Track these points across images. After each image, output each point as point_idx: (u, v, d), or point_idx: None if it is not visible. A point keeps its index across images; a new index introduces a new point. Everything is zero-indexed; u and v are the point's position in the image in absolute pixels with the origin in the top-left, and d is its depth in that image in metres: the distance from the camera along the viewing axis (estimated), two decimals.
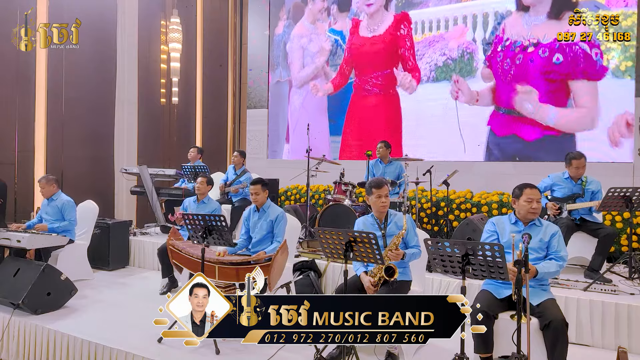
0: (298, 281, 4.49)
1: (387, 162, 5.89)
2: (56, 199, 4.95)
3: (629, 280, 4.12)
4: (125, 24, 7.49)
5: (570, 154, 4.50)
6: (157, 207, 6.46)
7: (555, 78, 6.49)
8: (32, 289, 3.95)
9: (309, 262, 4.76)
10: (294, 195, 7.85)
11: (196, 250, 3.91)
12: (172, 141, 8.67)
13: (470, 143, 7.14)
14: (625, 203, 4.12)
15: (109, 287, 5.02)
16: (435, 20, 7.40)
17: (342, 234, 2.87)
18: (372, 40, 7.89)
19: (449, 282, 4.20)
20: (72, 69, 6.94)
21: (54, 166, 6.71)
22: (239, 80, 9.82)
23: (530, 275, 2.61)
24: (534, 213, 2.98)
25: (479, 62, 7.06)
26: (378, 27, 7.83)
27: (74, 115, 6.99)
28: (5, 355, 3.92)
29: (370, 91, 7.91)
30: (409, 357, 3.20)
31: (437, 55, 7.36)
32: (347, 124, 8.18)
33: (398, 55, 7.65)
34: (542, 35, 6.57)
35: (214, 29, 9.57)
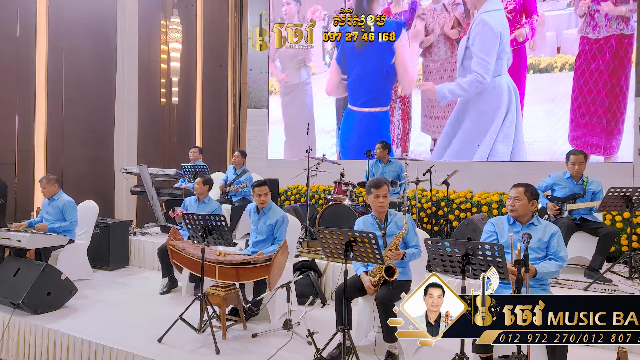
0: (298, 281, 4.49)
1: (387, 162, 5.89)
2: (57, 199, 4.95)
3: (629, 280, 4.12)
4: (125, 24, 7.49)
5: (570, 151, 4.53)
6: (157, 207, 6.46)
7: None
8: (32, 288, 3.95)
9: (309, 262, 4.77)
10: (294, 195, 7.85)
11: (196, 250, 3.91)
12: (172, 141, 8.67)
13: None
14: (625, 203, 4.13)
15: (109, 287, 5.02)
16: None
17: (342, 233, 2.87)
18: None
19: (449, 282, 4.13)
20: (72, 69, 6.94)
21: (54, 166, 6.71)
22: (239, 80, 9.82)
23: (529, 275, 2.61)
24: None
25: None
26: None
27: (74, 115, 6.99)
28: (5, 355, 3.93)
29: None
30: (409, 357, 3.21)
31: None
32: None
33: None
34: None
35: (214, 29, 9.57)
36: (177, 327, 3.50)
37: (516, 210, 3.02)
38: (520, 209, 3.01)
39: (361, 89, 8.08)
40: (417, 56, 7.60)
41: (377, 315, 3.10)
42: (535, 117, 6.75)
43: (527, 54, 6.78)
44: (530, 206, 3.01)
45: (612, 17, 6.23)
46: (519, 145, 6.84)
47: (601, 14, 6.30)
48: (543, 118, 6.70)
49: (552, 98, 6.67)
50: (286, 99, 9.02)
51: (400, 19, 7.70)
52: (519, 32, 6.79)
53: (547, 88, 6.70)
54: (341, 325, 2.97)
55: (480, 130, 7.05)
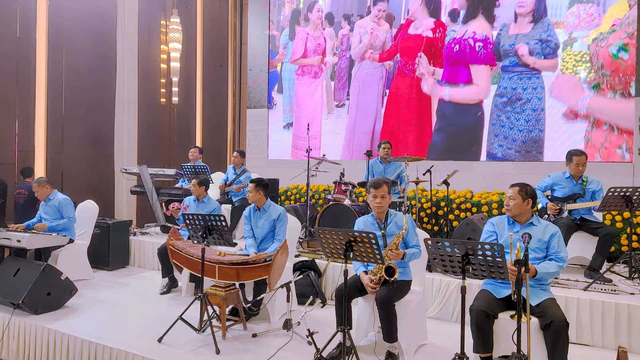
0: (298, 281, 4.49)
1: (387, 162, 5.89)
2: (52, 198, 4.97)
3: (629, 280, 4.12)
4: (125, 24, 7.49)
5: (572, 150, 4.50)
6: (157, 207, 6.47)
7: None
8: (32, 289, 3.96)
9: (309, 262, 4.77)
10: (294, 195, 7.85)
11: (196, 250, 3.91)
12: (172, 141, 8.67)
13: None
14: (625, 203, 4.12)
15: (109, 287, 5.03)
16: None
17: (342, 233, 2.87)
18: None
19: (449, 281, 4.20)
20: (72, 68, 6.94)
21: (54, 166, 6.71)
22: (239, 80, 9.83)
23: (529, 275, 2.61)
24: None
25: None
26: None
27: (74, 115, 6.99)
28: (6, 355, 3.92)
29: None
30: (409, 357, 3.20)
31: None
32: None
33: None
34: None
35: (214, 29, 9.57)
36: (177, 327, 3.50)
37: (511, 209, 3.03)
38: (514, 209, 3.02)
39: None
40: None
41: (377, 315, 3.09)
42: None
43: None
44: (526, 205, 3.01)
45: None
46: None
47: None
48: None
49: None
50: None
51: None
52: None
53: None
54: (341, 325, 2.97)
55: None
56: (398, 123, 7.89)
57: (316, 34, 8.92)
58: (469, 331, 2.76)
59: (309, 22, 8.95)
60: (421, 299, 3.50)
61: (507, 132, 6.97)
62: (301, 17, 9.05)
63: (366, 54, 8.26)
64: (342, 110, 8.51)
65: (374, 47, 8.23)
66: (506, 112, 6.98)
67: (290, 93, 9.10)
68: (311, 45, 8.97)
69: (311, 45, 8.97)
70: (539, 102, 6.78)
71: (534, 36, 6.84)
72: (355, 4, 8.50)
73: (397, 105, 7.91)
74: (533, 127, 6.82)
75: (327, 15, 8.76)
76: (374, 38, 8.23)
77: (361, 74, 8.31)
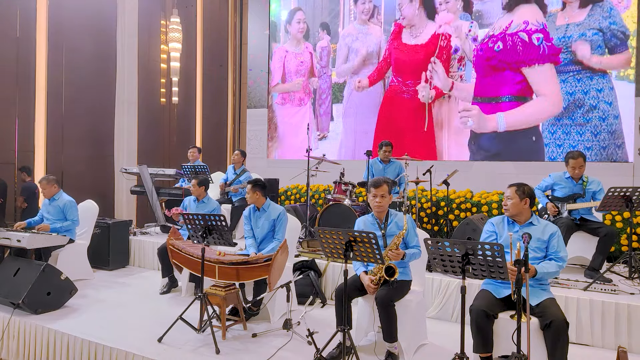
0: (298, 281, 4.49)
1: (387, 162, 5.89)
2: (57, 199, 4.96)
3: (629, 280, 4.12)
4: (125, 24, 7.49)
5: (569, 153, 4.49)
6: (157, 207, 6.47)
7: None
8: (32, 288, 3.95)
9: (309, 262, 4.76)
10: (294, 195, 7.85)
11: (196, 249, 3.91)
12: (172, 141, 8.67)
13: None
14: (625, 203, 4.12)
15: (109, 287, 5.02)
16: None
17: (342, 233, 2.87)
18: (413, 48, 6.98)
19: (449, 281, 4.20)
20: (72, 68, 6.94)
21: (54, 166, 6.71)
22: (239, 80, 9.83)
23: (529, 275, 2.61)
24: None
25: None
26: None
27: (74, 115, 6.99)
28: (6, 355, 3.92)
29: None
30: (409, 357, 3.20)
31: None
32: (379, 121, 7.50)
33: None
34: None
35: (214, 29, 9.57)
36: (177, 327, 3.50)
37: (509, 209, 3.04)
38: (512, 208, 3.02)
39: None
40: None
41: (377, 315, 3.09)
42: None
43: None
44: (524, 205, 3.01)
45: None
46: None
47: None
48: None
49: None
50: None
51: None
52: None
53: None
54: (341, 325, 2.97)
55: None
56: (399, 126, 7.55)
57: (298, 49, 7.76)
58: (468, 331, 2.76)
59: (289, 36, 7.93)
60: (421, 299, 3.50)
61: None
62: (279, 32, 8.04)
63: (351, 81, 7.05)
64: (333, 134, 7.32)
65: (366, 64, 7.12)
66: (564, 126, 5.44)
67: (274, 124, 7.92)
68: (291, 66, 7.79)
69: (291, 65, 7.80)
70: (609, 108, 5.19)
71: (591, 25, 5.26)
72: (327, 6, 7.34)
73: (397, 112, 7.40)
74: (608, 141, 5.17)
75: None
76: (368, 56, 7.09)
77: (356, 96, 7.27)
